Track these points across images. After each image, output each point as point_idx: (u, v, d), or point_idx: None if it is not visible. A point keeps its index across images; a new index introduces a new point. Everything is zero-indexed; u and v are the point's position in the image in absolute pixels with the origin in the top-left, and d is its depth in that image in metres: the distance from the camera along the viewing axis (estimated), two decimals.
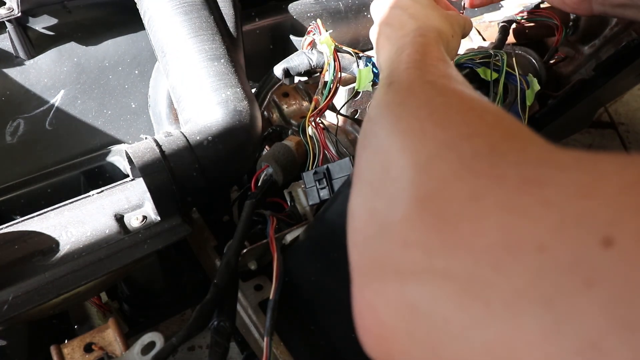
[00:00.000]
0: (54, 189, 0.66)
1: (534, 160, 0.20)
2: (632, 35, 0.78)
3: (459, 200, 0.20)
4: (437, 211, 0.20)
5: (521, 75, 0.63)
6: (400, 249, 0.21)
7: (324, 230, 0.48)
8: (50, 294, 0.48)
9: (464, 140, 0.23)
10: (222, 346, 0.45)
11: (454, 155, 0.22)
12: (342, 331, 0.51)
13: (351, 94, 0.71)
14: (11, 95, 0.66)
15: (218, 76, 0.59)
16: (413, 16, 0.51)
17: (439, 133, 0.24)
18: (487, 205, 0.19)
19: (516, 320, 0.16)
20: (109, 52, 0.71)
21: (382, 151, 0.26)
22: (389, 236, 0.22)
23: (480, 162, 0.21)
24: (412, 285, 0.20)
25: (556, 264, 0.16)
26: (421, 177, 0.22)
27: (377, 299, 0.22)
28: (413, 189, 0.22)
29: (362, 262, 0.23)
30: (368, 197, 0.25)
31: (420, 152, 0.23)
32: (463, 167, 0.21)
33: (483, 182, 0.20)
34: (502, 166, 0.20)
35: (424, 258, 0.20)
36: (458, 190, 0.20)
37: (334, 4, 0.83)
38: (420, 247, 0.20)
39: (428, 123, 0.25)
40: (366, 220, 0.24)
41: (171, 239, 0.54)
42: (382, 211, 0.23)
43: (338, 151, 0.63)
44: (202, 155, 0.54)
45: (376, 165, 0.26)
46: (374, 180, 0.25)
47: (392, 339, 0.21)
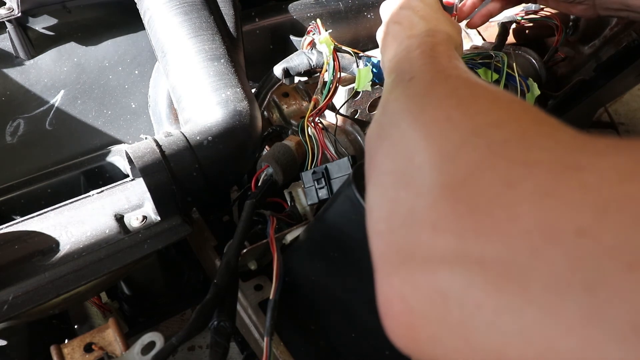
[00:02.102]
0: (54, 189, 0.66)
1: (567, 146, 0.19)
2: (632, 35, 0.78)
3: (492, 187, 0.19)
4: (468, 198, 0.20)
5: (521, 77, 0.63)
6: (430, 236, 0.20)
7: (324, 230, 0.48)
8: (50, 294, 0.48)
9: (493, 128, 0.22)
10: (222, 346, 0.45)
11: (484, 142, 0.21)
12: (342, 331, 0.51)
13: (350, 94, 0.71)
14: (11, 95, 0.66)
15: (218, 76, 0.59)
16: (424, 18, 0.51)
17: (466, 121, 0.24)
18: (522, 192, 0.18)
19: (554, 306, 0.16)
20: (109, 52, 0.71)
21: (404, 142, 0.25)
22: (417, 224, 0.21)
23: (512, 148, 0.20)
24: (444, 272, 0.19)
25: (597, 248, 0.15)
26: (449, 165, 0.21)
27: (406, 286, 0.21)
28: (441, 177, 0.21)
29: (387, 251, 0.23)
30: (390, 187, 0.24)
31: (447, 141, 0.23)
32: (494, 153, 0.20)
33: (516, 168, 0.19)
34: (535, 152, 0.19)
35: (456, 244, 0.19)
36: (490, 177, 0.20)
37: (334, 4, 0.84)
38: (452, 233, 0.19)
39: (454, 112, 0.25)
40: (389, 209, 0.24)
41: (171, 239, 0.54)
42: (408, 200, 0.22)
43: (337, 151, 0.63)
44: (202, 155, 0.54)
45: (398, 155, 0.25)
46: (396, 170, 0.25)
47: (421, 327, 0.20)
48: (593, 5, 0.63)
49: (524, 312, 0.17)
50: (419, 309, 0.20)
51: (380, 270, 0.23)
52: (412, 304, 0.21)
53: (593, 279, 0.15)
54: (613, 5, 0.61)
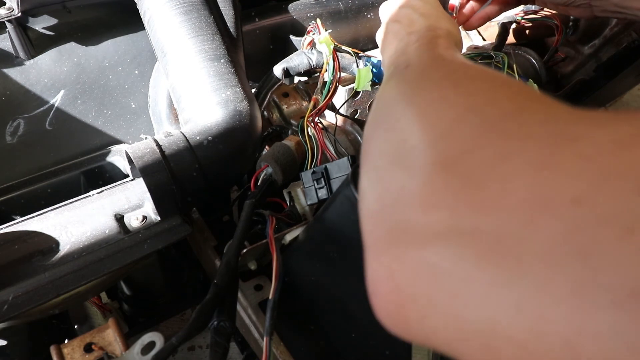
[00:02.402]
0: (54, 189, 0.66)
1: (563, 119, 0.19)
2: (632, 35, 0.78)
3: (487, 161, 0.19)
4: (462, 173, 0.19)
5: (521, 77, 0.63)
6: (422, 211, 0.20)
7: (323, 230, 0.48)
8: (50, 294, 0.48)
9: (488, 106, 0.22)
10: (222, 346, 0.45)
11: (478, 119, 0.21)
12: (342, 331, 0.51)
13: (350, 94, 0.71)
14: (11, 95, 0.66)
15: (218, 76, 0.59)
16: (423, 15, 0.51)
17: (461, 100, 0.23)
18: (517, 164, 0.18)
19: (546, 275, 0.15)
20: (109, 52, 0.71)
21: (398, 124, 0.25)
22: (409, 201, 0.21)
23: (507, 123, 0.20)
24: (434, 247, 0.19)
25: (593, 215, 0.15)
26: (443, 142, 0.21)
27: (395, 263, 0.21)
28: (435, 154, 0.21)
29: (378, 230, 0.22)
30: (383, 169, 0.24)
31: (441, 119, 0.22)
32: (489, 129, 0.20)
33: (511, 142, 0.19)
34: (530, 126, 0.19)
35: (448, 219, 0.19)
36: (485, 151, 0.19)
37: (334, 4, 0.84)
38: (444, 208, 0.19)
39: (449, 92, 0.24)
40: (382, 190, 0.23)
41: (171, 239, 0.54)
42: (401, 179, 0.22)
43: (337, 151, 0.63)
44: (202, 155, 0.54)
45: (392, 138, 0.25)
46: (390, 152, 0.24)
47: (410, 304, 0.20)
48: (589, 7, 0.63)
49: (515, 283, 0.16)
50: (408, 286, 0.20)
51: (370, 250, 0.23)
52: (401, 281, 0.20)
53: (587, 247, 0.15)
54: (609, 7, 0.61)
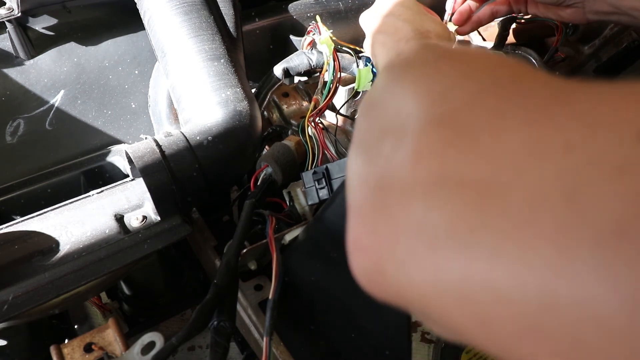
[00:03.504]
0: (54, 189, 0.66)
1: (561, 84, 0.18)
2: (632, 35, 0.78)
3: (481, 117, 0.18)
4: (455, 128, 0.19)
5: None
6: (411, 166, 0.19)
7: (323, 230, 0.48)
8: (50, 294, 0.48)
9: (485, 73, 0.21)
10: (222, 346, 0.45)
11: (475, 84, 0.20)
12: (342, 331, 0.51)
13: (351, 94, 0.71)
14: (11, 95, 0.66)
15: (218, 76, 0.59)
16: (407, 21, 0.51)
17: (456, 70, 0.22)
18: (512, 120, 0.17)
19: (532, 216, 0.15)
20: (109, 52, 0.71)
21: (390, 100, 0.24)
22: (399, 159, 0.20)
23: (504, 87, 0.20)
24: (421, 198, 0.18)
25: (584, 158, 0.15)
26: (438, 104, 0.20)
27: (379, 218, 0.20)
28: (430, 114, 0.20)
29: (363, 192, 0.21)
30: (374, 139, 0.23)
31: (436, 85, 0.21)
32: (485, 92, 0.20)
33: (507, 102, 0.18)
34: (526, 89, 0.19)
35: (437, 170, 0.18)
36: (480, 110, 0.19)
37: (334, 4, 0.84)
38: (434, 160, 0.18)
39: (443, 64, 0.24)
40: (371, 157, 0.22)
41: (171, 239, 0.54)
42: (391, 142, 0.21)
43: (337, 151, 0.63)
44: (202, 155, 0.54)
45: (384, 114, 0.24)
46: (381, 126, 0.23)
47: (388, 258, 0.19)
48: (582, 9, 0.63)
49: (497, 227, 0.16)
50: (389, 239, 0.19)
51: (354, 212, 0.22)
52: (382, 235, 0.20)
53: (575, 187, 0.14)
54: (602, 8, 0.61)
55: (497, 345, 0.16)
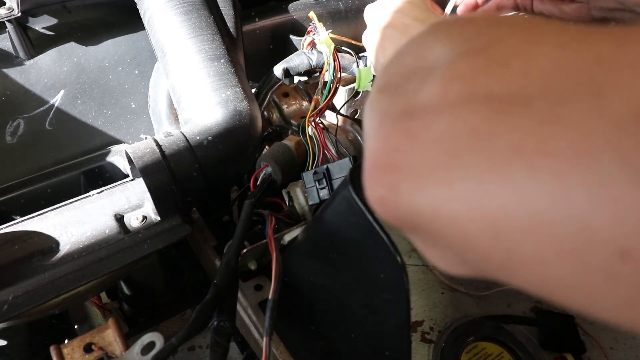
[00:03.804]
0: (54, 189, 0.66)
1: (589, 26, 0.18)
2: None
3: (513, 46, 0.18)
4: (488, 55, 0.19)
5: None
6: (440, 85, 0.19)
7: (322, 231, 0.48)
8: (50, 294, 0.48)
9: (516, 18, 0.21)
10: (222, 346, 0.45)
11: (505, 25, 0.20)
12: (342, 331, 0.51)
13: (351, 94, 0.71)
14: (11, 95, 0.66)
15: (218, 76, 0.59)
16: (416, 19, 0.51)
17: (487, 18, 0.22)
18: (545, 46, 0.17)
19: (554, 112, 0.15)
20: (109, 52, 0.71)
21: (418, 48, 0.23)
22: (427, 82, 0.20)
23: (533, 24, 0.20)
24: (446, 113, 0.18)
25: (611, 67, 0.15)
26: (470, 41, 0.20)
27: (401, 135, 0.19)
28: (462, 48, 0.20)
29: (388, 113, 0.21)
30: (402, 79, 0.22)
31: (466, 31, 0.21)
32: (515, 28, 0.20)
33: (537, 34, 0.18)
34: (559, 25, 0.19)
35: (465, 89, 0.18)
36: (511, 40, 0.19)
37: (334, 4, 0.84)
38: (464, 81, 0.18)
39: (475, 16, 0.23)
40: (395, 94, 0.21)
41: (171, 239, 0.54)
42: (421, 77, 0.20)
43: (338, 151, 0.63)
44: (202, 155, 0.54)
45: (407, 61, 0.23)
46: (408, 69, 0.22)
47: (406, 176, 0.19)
48: (587, 4, 0.63)
49: (520, 126, 0.16)
50: (408, 156, 0.19)
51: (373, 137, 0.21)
52: (404, 151, 0.19)
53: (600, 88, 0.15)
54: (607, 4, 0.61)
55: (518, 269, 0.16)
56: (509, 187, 0.15)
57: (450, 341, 0.78)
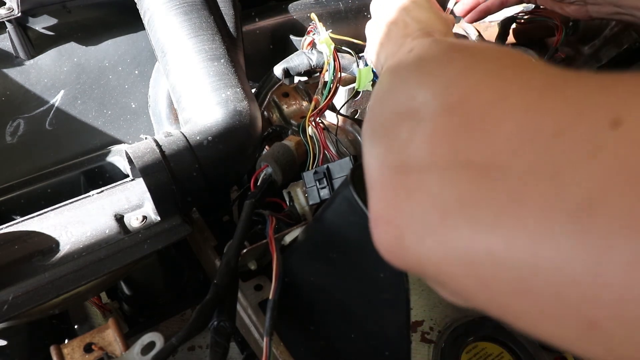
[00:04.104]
0: (54, 189, 0.66)
1: (554, 73, 0.21)
2: (632, 35, 0.78)
3: (486, 102, 0.21)
4: (465, 112, 0.21)
5: None
6: (427, 147, 0.22)
7: (323, 231, 0.48)
8: (50, 294, 0.48)
9: (491, 61, 0.24)
10: (222, 346, 0.45)
11: (482, 70, 0.23)
12: (342, 331, 0.51)
13: (351, 94, 0.71)
14: (11, 95, 0.66)
15: (218, 76, 0.59)
16: (415, 18, 0.52)
17: (464, 59, 0.25)
18: (512, 104, 0.20)
19: (523, 192, 0.18)
20: (109, 52, 0.71)
21: (403, 89, 0.27)
22: (414, 142, 0.23)
23: (508, 72, 0.22)
24: (434, 177, 0.21)
25: (568, 143, 0.17)
26: (448, 90, 0.23)
27: (399, 194, 0.23)
28: (442, 100, 0.23)
29: (384, 170, 0.24)
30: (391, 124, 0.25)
31: (448, 72, 0.25)
32: (491, 76, 0.22)
33: (509, 86, 0.21)
34: (528, 73, 0.21)
35: (448, 152, 0.21)
36: (486, 94, 0.21)
37: (334, 4, 0.84)
38: (446, 144, 0.21)
39: (454, 54, 0.27)
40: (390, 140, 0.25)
41: (171, 239, 0.54)
42: (409, 126, 0.24)
43: (338, 151, 0.63)
44: (202, 155, 0.54)
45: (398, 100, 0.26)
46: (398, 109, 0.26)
47: (406, 228, 0.22)
48: (585, 6, 0.63)
49: (495, 203, 0.18)
50: (408, 213, 0.22)
51: (374, 188, 0.25)
52: (402, 209, 0.22)
53: (558, 168, 0.17)
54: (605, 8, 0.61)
55: (497, 305, 0.19)
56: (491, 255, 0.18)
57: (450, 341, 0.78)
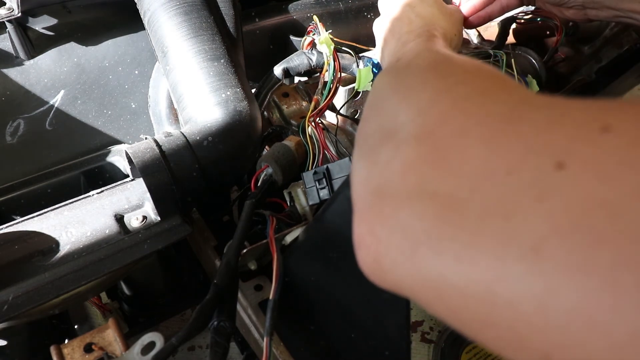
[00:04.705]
0: (54, 189, 0.66)
1: (515, 102, 0.23)
2: (632, 35, 0.78)
3: (451, 135, 0.23)
4: (432, 144, 0.23)
5: (520, 75, 0.63)
6: (400, 177, 0.24)
7: (323, 231, 0.48)
8: (50, 294, 0.48)
9: (459, 85, 0.26)
10: (222, 346, 0.45)
11: (450, 97, 0.25)
12: (342, 331, 0.51)
13: (351, 94, 0.71)
14: (11, 95, 0.66)
15: (218, 76, 0.59)
16: (419, 14, 0.53)
17: (438, 82, 0.28)
18: (473, 138, 0.22)
19: (480, 230, 0.19)
20: (109, 52, 0.71)
21: (387, 106, 0.29)
22: (391, 169, 0.25)
23: (471, 103, 0.24)
24: (406, 207, 0.23)
25: (518, 183, 0.19)
26: (420, 119, 0.25)
27: (376, 220, 0.25)
28: (415, 128, 0.25)
29: (364, 194, 0.26)
30: (375, 144, 0.28)
31: (421, 98, 0.27)
32: (456, 107, 0.24)
33: (472, 119, 0.23)
34: (488, 106, 0.23)
35: (418, 183, 0.23)
36: (451, 126, 0.23)
37: (334, 4, 0.84)
38: (416, 174, 0.23)
39: (429, 75, 0.29)
40: (372, 162, 0.27)
41: (171, 239, 0.54)
42: (388, 150, 0.26)
43: (338, 151, 0.63)
44: (202, 155, 0.54)
45: (383, 118, 0.29)
46: (381, 130, 0.28)
47: (384, 255, 0.24)
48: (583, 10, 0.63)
49: (457, 239, 0.20)
50: (384, 240, 0.24)
51: (356, 211, 0.27)
52: (378, 236, 0.24)
53: (510, 209, 0.18)
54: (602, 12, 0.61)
55: (467, 330, 0.21)
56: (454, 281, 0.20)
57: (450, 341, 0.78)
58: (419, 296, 0.23)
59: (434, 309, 0.22)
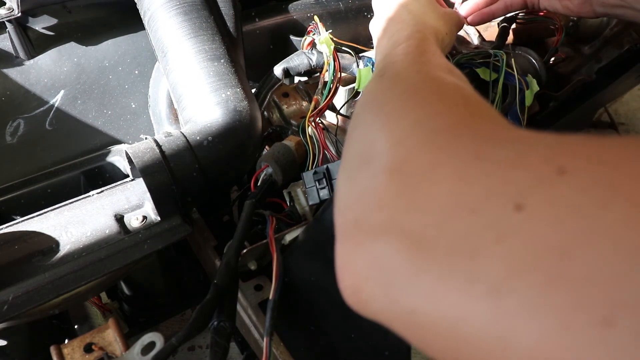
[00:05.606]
0: (54, 189, 0.66)
1: (484, 137, 0.23)
2: (632, 35, 0.78)
3: (422, 169, 0.24)
4: (404, 178, 0.24)
5: (520, 75, 0.63)
6: (374, 211, 0.24)
7: (323, 231, 0.48)
8: (50, 294, 0.48)
9: (432, 118, 0.27)
10: (222, 346, 0.45)
11: (423, 131, 0.26)
12: (341, 331, 0.51)
13: (351, 94, 0.71)
14: (11, 95, 0.66)
15: (218, 76, 0.59)
16: (411, 13, 0.53)
17: (414, 112, 0.29)
18: (442, 174, 0.22)
19: (447, 270, 0.20)
20: (109, 52, 0.71)
21: (368, 130, 0.30)
22: (367, 200, 0.25)
23: (442, 137, 0.25)
24: (381, 242, 0.23)
25: (481, 223, 0.19)
26: (394, 150, 0.26)
27: (354, 253, 0.25)
28: (389, 160, 0.26)
29: (344, 223, 0.27)
30: (354, 169, 0.28)
31: (398, 128, 0.28)
32: (427, 141, 0.25)
33: (442, 154, 0.24)
34: (457, 142, 0.24)
35: (391, 217, 0.23)
36: (421, 160, 0.24)
37: (334, 4, 0.84)
38: (390, 209, 0.24)
39: (410, 104, 0.30)
40: (351, 189, 0.28)
41: (171, 239, 0.54)
42: (364, 179, 0.26)
43: (338, 151, 0.63)
44: (202, 155, 0.54)
45: (363, 141, 0.30)
46: (361, 154, 0.29)
47: (363, 287, 0.24)
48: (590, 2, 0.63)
49: (429, 274, 0.20)
50: (362, 273, 0.24)
51: (338, 240, 0.27)
52: (357, 268, 0.25)
53: (474, 249, 0.19)
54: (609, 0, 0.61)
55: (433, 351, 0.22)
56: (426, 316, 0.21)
57: None
58: (395, 327, 0.23)
59: (409, 340, 0.23)
